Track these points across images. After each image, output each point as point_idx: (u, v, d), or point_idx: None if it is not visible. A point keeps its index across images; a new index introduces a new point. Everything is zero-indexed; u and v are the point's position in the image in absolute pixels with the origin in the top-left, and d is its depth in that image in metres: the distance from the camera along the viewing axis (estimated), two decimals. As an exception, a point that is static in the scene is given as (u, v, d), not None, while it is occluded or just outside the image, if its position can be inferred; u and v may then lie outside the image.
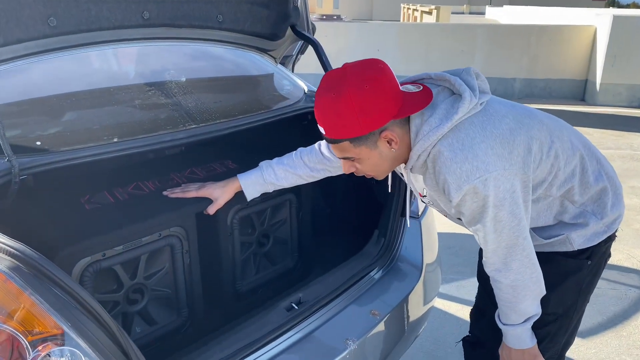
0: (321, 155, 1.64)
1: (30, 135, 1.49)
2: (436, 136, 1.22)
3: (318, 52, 2.10)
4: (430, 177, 1.30)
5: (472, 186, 1.18)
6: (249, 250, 1.90)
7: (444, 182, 1.22)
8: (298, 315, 1.52)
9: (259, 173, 1.65)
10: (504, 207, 1.21)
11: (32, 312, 1.03)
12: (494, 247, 1.28)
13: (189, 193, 1.63)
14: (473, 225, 1.28)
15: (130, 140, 1.55)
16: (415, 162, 1.29)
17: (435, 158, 1.23)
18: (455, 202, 1.23)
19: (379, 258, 1.83)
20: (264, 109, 1.97)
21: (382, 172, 1.35)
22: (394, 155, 1.29)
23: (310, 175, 1.67)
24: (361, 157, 1.27)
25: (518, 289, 1.31)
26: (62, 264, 1.32)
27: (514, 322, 1.38)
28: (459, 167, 1.18)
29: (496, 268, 1.31)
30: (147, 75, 2.01)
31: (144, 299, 1.57)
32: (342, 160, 1.33)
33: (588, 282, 1.48)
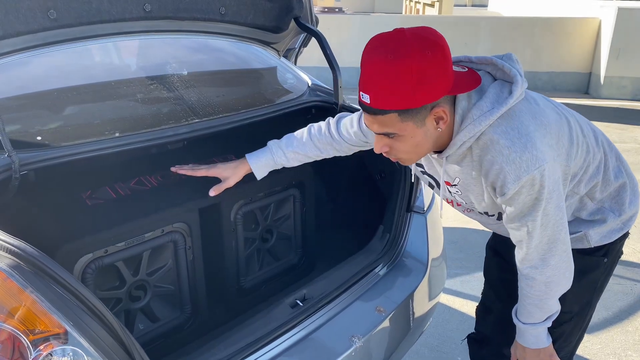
0: (330, 138, 1.58)
1: (31, 130, 1.46)
2: (488, 121, 1.14)
3: (322, 45, 2.07)
4: (471, 165, 1.22)
5: (531, 177, 1.12)
6: (252, 246, 1.88)
7: (499, 172, 1.14)
8: (303, 312, 1.50)
9: (270, 155, 1.60)
10: (552, 199, 1.17)
11: (33, 311, 1.01)
12: (536, 242, 1.22)
13: (199, 172, 1.60)
14: (520, 220, 1.20)
15: (132, 135, 1.52)
16: (457, 150, 1.19)
17: (487, 146, 1.15)
18: (509, 194, 1.15)
19: (384, 254, 1.81)
20: (267, 103, 1.94)
21: (417, 156, 1.23)
22: (436, 137, 1.19)
23: (319, 156, 1.63)
24: (405, 134, 1.14)
25: (551, 285, 1.27)
26: (63, 260, 1.31)
27: (536, 320, 1.34)
28: (519, 157, 1.11)
29: (533, 265, 1.26)
30: (149, 69, 1.98)
31: (146, 296, 1.55)
32: (376, 136, 1.20)
33: (603, 279, 1.46)
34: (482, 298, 1.76)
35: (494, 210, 1.32)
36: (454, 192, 1.35)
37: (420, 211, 1.91)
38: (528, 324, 1.36)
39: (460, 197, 1.35)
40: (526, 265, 1.28)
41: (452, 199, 1.41)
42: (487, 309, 1.72)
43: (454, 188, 1.33)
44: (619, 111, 7.42)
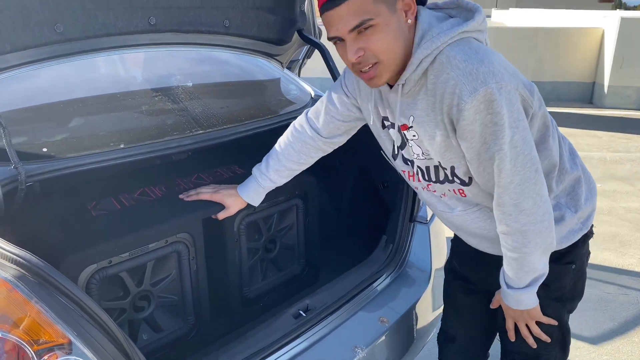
0: (302, 136, 1.53)
1: (37, 141, 1.48)
2: (446, 37, 1.10)
3: (325, 57, 2.09)
4: (425, 97, 1.16)
5: (489, 90, 1.05)
6: (255, 256, 1.88)
7: (454, 87, 1.08)
8: (306, 322, 1.50)
9: (255, 182, 1.60)
10: (518, 129, 1.10)
11: (38, 321, 1.02)
12: (507, 181, 1.14)
13: (203, 195, 1.61)
14: (486, 152, 1.12)
15: (137, 146, 1.54)
16: (412, 74, 1.14)
17: (443, 64, 1.10)
18: (467, 113, 1.08)
19: (388, 264, 1.81)
20: (271, 114, 1.96)
21: (395, 58, 1.13)
22: (406, 36, 1.12)
23: (300, 163, 1.57)
24: (379, 22, 1.08)
25: (529, 235, 1.18)
26: (68, 271, 1.31)
27: (521, 283, 1.26)
28: (476, 69, 1.06)
29: (506, 211, 1.18)
30: (153, 81, 2.01)
31: (150, 306, 1.56)
32: (348, 43, 1.12)
33: (572, 283, 1.39)
34: (443, 326, 1.70)
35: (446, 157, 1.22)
36: (410, 137, 1.26)
37: (424, 221, 1.91)
38: (513, 288, 1.28)
39: (417, 142, 1.25)
40: (499, 212, 1.20)
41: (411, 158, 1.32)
42: (449, 338, 1.67)
43: (411, 132, 1.24)
44: (623, 121, 7.41)
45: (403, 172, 1.41)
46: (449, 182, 1.28)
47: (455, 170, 1.24)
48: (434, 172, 1.29)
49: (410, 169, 1.37)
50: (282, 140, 1.59)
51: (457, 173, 1.24)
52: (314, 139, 1.53)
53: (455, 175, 1.25)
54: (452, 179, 1.27)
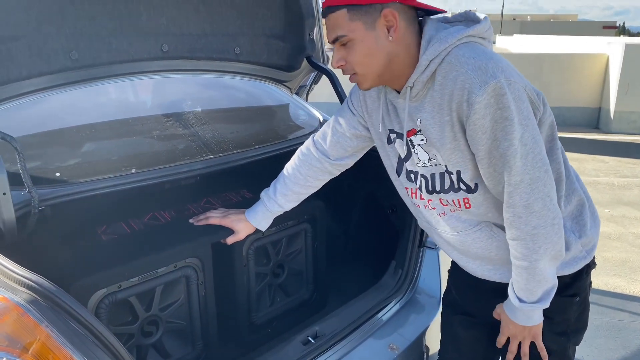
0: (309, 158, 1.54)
1: (50, 166, 1.50)
2: (454, 39, 1.13)
3: (333, 83, 2.12)
4: (432, 99, 1.17)
5: (498, 84, 1.06)
6: (264, 281, 1.88)
7: (464, 82, 1.09)
8: (315, 349, 1.49)
9: (263, 207, 1.61)
10: (528, 127, 1.11)
11: (48, 346, 1.01)
12: (518, 179, 1.13)
13: (212, 220, 1.62)
14: (497, 149, 1.12)
15: (147, 171, 1.55)
16: (420, 76, 1.16)
17: (451, 64, 1.12)
18: (478, 108, 1.08)
19: (397, 290, 1.80)
20: (280, 139, 1.98)
21: (372, 72, 1.19)
22: (390, 50, 1.16)
23: (307, 186, 1.58)
24: (354, 37, 1.14)
25: (539, 239, 1.16)
26: (78, 295, 1.31)
27: (531, 298, 1.23)
28: (484, 64, 1.09)
29: (516, 213, 1.16)
30: (164, 106, 2.04)
31: (158, 331, 1.55)
32: (334, 50, 1.20)
33: (577, 315, 1.36)
34: (440, 354, 1.64)
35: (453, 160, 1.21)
36: (417, 143, 1.26)
37: (433, 246, 1.90)
38: (525, 302, 1.24)
39: (424, 147, 1.25)
40: (510, 215, 1.17)
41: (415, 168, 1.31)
42: None
43: (418, 137, 1.24)
44: (630, 146, 7.40)
45: (406, 189, 1.39)
46: (454, 191, 1.26)
47: (461, 175, 1.22)
48: (439, 180, 1.27)
49: (412, 185, 1.35)
50: (289, 165, 1.60)
51: (463, 178, 1.22)
52: (321, 161, 1.53)
53: (461, 180, 1.23)
54: (457, 187, 1.25)
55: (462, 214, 1.29)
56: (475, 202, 1.25)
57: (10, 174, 1.21)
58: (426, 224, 1.43)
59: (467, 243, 1.33)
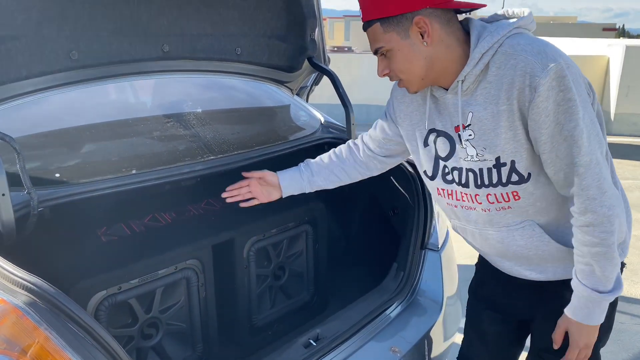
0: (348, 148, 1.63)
1: (49, 167, 1.49)
2: (505, 31, 1.16)
3: (335, 84, 2.10)
4: (486, 87, 1.19)
5: (559, 67, 1.09)
6: (265, 283, 1.86)
7: (525, 67, 1.11)
8: (316, 351, 1.47)
9: (296, 169, 1.65)
10: (587, 110, 1.13)
11: (47, 348, 1.00)
12: (587, 159, 1.13)
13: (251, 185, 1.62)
14: (560, 133, 1.12)
15: (148, 172, 1.54)
16: (473, 69, 1.18)
17: (507, 53, 1.15)
18: (542, 90, 1.10)
19: (399, 292, 1.78)
20: (281, 140, 1.96)
21: (415, 76, 1.24)
22: (429, 54, 1.19)
23: (343, 170, 1.62)
24: (391, 47, 1.20)
25: (614, 220, 1.16)
26: (77, 297, 1.30)
27: (607, 286, 1.22)
28: (544, 48, 1.12)
29: (591, 196, 1.15)
30: (165, 107, 2.03)
31: (158, 334, 1.54)
32: (378, 61, 1.27)
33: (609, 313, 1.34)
34: (465, 350, 1.66)
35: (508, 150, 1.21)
36: (465, 138, 1.26)
37: (435, 248, 1.89)
38: (604, 292, 1.22)
39: (473, 142, 1.25)
40: (584, 199, 1.16)
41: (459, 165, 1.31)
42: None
43: (467, 132, 1.25)
44: (631, 148, 7.39)
45: (442, 190, 1.39)
46: (502, 185, 1.25)
47: (515, 165, 1.21)
48: (487, 175, 1.26)
49: (449, 186, 1.35)
50: (335, 148, 1.67)
51: (517, 168, 1.22)
52: (361, 151, 1.60)
53: (514, 171, 1.22)
54: (507, 180, 1.24)
55: (507, 211, 1.29)
56: (525, 193, 1.24)
57: (9, 174, 1.20)
58: (461, 224, 1.42)
59: (506, 241, 1.33)
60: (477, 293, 1.61)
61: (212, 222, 1.69)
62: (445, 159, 1.34)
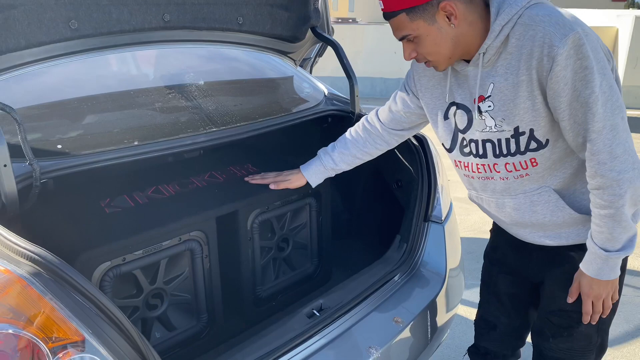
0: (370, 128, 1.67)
1: (51, 138, 1.48)
2: (524, 2, 1.17)
3: (339, 54, 2.07)
4: (507, 58, 1.21)
5: (577, 35, 1.11)
6: (268, 255, 1.87)
7: (544, 37, 1.13)
8: (320, 322, 1.49)
9: (319, 162, 1.74)
10: (605, 76, 1.15)
11: (52, 318, 1.01)
12: (600, 125, 1.16)
13: (267, 180, 1.75)
14: (577, 100, 1.15)
15: (150, 144, 1.53)
16: (493, 41, 1.20)
17: (526, 24, 1.17)
18: (560, 60, 1.12)
19: (402, 264, 1.79)
20: (284, 112, 1.94)
21: (443, 57, 1.26)
22: (455, 34, 1.22)
23: (364, 152, 1.70)
24: (419, 34, 1.22)
25: (624, 184, 1.19)
26: (82, 268, 1.31)
27: (616, 245, 1.25)
28: (561, 18, 1.14)
29: (600, 160, 1.19)
30: (167, 78, 2.00)
31: (163, 304, 1.55)
32: (403, 45, 1.28)
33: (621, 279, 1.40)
34: (482, 313, 1.71)
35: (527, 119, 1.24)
36: (484, 109, 1.29)
37: (438, 221, 1.89)
38: (612, 251, 1.26)
39: (492, 113, 1.28)
40: (594, 163, 1.20)
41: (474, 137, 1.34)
42: (490, 325, 1.68)
43: (486, 103, 1.28)
44: (637, 120, 7.32)
45: (459, 162, 1.44)
46: (520, 154, 1.29)
47: (534, 133, 1.25)
48: (506, 145, 1.30)
49: (466, 158, 1.40)
50: (351, 128, 1.73)
51: (536, 135, 1.26)
52: (381, 130, 1.66)
53: (533, 138, 1.26)
54: (525, 148, 1.28)
55: (524, 179, 1.33)
56: (543, 158, 1.29)
57: (10, 146, 1.19)
58: (478, 194, 1.48)
59: (523, 208, 1.37)
60: (491, 257, 1.67)
61: (216, 194, 1.69)
62: (463, 131, 1.37)
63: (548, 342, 1.46)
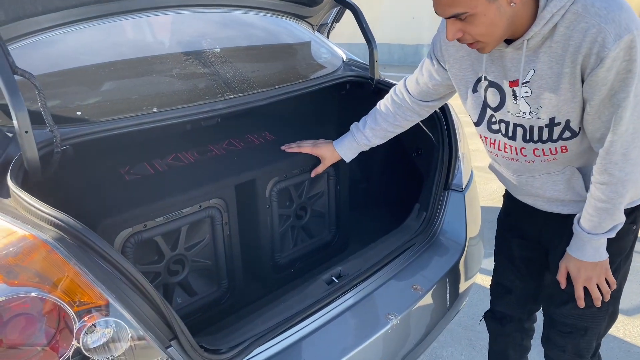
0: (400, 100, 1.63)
1: (70, 105, 1.48)
2: None
3: (358, 19, 2.02)
4: (549, 50, 1.16)
5: (631, 37, 1.06)
6: (287, 223, 1.88)
7: (596, 34, 1.07)
8: (339, 288, 1.50)
9: (351, 137, 1.73)
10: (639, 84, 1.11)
11: (77, 283, 1.03)
12: (623, 129, 1.15)
13: (304, 149, 1.76)
14: (610, 100, 1.13)
15: (168, 111, 1.52)
16: (543, 27, 1.13)
17: (578, 15, 1.10)
18: (608, 60, 1.08)
19: (421, 232, 1.78)
20: (302, 78, 1.91)
21: (495, 39, 1.17)
22: (512, 14, 1.13)
23: (395, 125, 1.67)
24: (476, 11, 1.10)
25: (628, 185, 1.20)
26: (103, 234, 1.32)
27: (602, 229, 1.27)
28: (618, 15, 1.07)
29: (613, 161, 1.18)
30: (184, 45, 1.98)
31: (184, 270, 1.57)
32: (447, 23, 1.17)
33: (630, 247, 1.41)
34: (498, 278, 1.71)
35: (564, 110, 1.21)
36: (521, 94, 1.24)
37: (459, 189, 1.87)
38: (594, 234, 1.27)
39: (529, 99, 1.24)
40: (606, 162, 1.19)
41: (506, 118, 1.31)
42: (505, 289, 1.68)
43: (523, 88, 1.23)
44: None
45: (485, 138, 1.42)
46: (552, 142, 1.27)
47: (570, 123, 1.23)
48: (537, 132, 1.27)
49: (494, 135, 1.37)
50: (382, 101, 1.69)
51: (571, 125, 1.24)
52: (410, 102, 1.62)
53: (568, 128, 1.24)
54: (558, 137, 1.26)
55: (551, 162, 1.32)
56: (574, 145, 1.27)
57: (31, 112, 1.19)
58: (500, 168, 1.47)
59: (545, 185, 1.37)
60: (505, 222, 1.66)
61: (235, 162, 1.68)
62: (494, 109, 1.34)
63: (559, 308, 1.45)
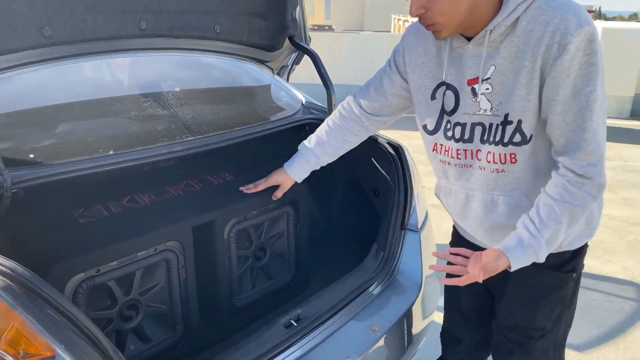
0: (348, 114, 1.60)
1: (23, 147, 1.45)
2: None
3: (316, 64, 2.08)
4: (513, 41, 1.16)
5: (591, 30, 1.09)
6: (245, 264, 1.86)
7: (559, 23, 1.10)
8: (297, 332, 1.48)
9: (301, 157, 1.70)
10: (603, 79, 1.14)
11: (23, 333, 0.99)
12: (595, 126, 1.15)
13: (260, 186, 1.74)
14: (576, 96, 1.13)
15: (125, 153, 1.51)
16: (505, 19, 1.14)
17: (541, 8, 1.13)
18: (571, 49, 1.09)
19: (379, 272, 1.80)
20: (261, 121, 1.94)
21: (454, 21, 1.17)
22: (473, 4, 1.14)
23: (344, 140, 1.63)
24: None
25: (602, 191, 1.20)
26: (55, 280, 1.28)
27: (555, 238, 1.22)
28: (579, 10, 1.12)
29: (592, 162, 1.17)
30: (143, 86, 1.98)
31: (138, 316, 1.52)
32: None
33: (572, 294, 1.43)
34: (447, 326, 1.72)
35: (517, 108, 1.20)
36: (482, 92, 1.24)
37: (414, 229, 1.91)
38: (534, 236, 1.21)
39: (490, 95, 1.23)
40: (584, 164, 1.17)
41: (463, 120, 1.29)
42: (455, 339, 1.70)
43: (484, 85, 1.23)
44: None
45: (439, 146, 1.38)
46: (503, 145, 1.25)
47: (521, 125, 1.21)
48: (494, 131, 1.25)
49: (447, 143, 1.34)
50: (328, 118, 1.67)
51: (522, 127, 1.22)
52: (359, 116, 1.58)
53: (519, 130, 1.22)
54: (509, 140, 1.24)
55: (500, 175, 1.28)
56: (523, 156, 1.25)
57: (-20, 155, 1.16)
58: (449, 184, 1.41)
59: (490, 206, 1.33)
60: None
61: (192, 203, 1.68)
62: (450, 113, 1.32)
63: (506, 358, 1.47)
